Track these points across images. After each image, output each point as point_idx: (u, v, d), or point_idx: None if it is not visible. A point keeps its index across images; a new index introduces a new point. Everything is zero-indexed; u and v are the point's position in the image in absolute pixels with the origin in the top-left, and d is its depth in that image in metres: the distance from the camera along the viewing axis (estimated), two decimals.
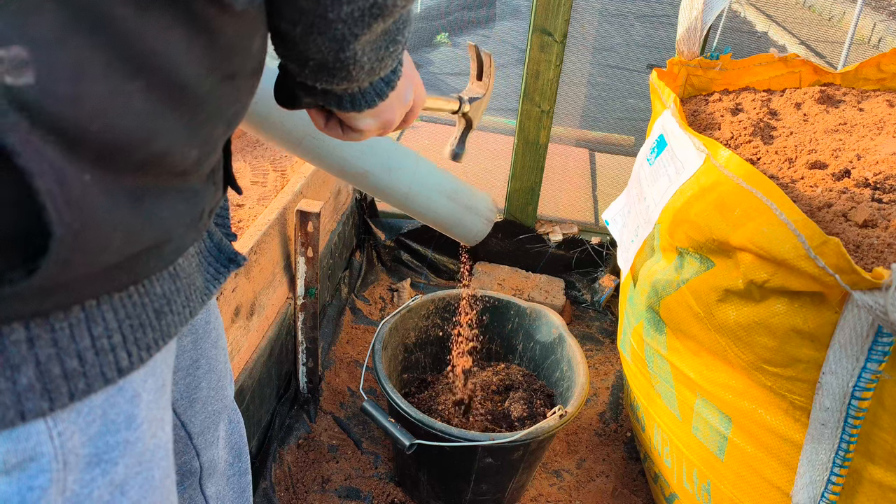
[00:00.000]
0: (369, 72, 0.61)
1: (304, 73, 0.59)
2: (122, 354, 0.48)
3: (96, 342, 0.46)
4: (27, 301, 0.41)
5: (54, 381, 0.43)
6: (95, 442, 0.49)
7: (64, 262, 0.40)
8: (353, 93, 0.64)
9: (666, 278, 1.29)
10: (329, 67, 0.58)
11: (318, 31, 0.53)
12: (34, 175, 0.37)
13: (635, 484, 1.70)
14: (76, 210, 0.39)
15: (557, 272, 2.37)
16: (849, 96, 1.57)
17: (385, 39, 0.59)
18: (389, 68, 0.65)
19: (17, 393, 0.42)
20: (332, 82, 0.60)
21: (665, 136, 1.38)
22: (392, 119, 0.73)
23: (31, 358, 0.42)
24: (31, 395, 0.42)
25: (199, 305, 0.60)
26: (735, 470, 1.16)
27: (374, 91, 0.66)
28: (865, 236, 1.03)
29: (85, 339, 0.45)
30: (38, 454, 0.45)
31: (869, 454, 0.98)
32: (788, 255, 0.96)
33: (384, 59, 0.61)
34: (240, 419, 0.92)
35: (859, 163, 1.22)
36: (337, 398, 1.84)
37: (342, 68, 0.58)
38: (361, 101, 0.66)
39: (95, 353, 0.46)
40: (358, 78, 0.60)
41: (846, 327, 0.94)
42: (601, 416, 1.90)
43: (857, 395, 0.94)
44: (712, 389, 1.17)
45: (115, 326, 0.48)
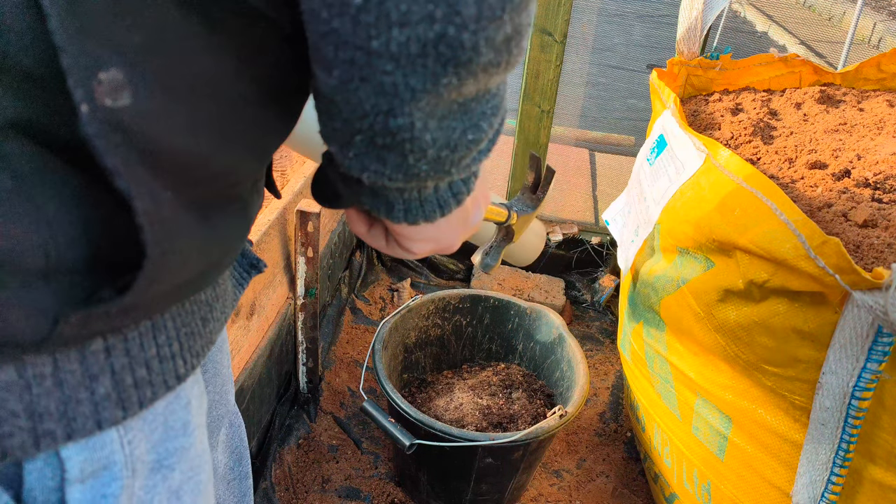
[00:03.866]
0: (434, 164, 0.47)
1: (348, 157, 0.46)
2: (179, 362, 0.49)
3: (160, 351, 0.47)
4: (112, 318, 0.41)
5: (126, 389, 0.44)
6: (157, 448, 0.50)
7: (152, 280, 0.41)
8: (409, 198, 0.52)
9: (666, 278, 1.28)
10: (377, 145, 0.44)
11: (361, 75, 0.40)
12: (134, 197, 0.37)
13: (635, 484, 1.70)
14: (166, 229, 0.40)
15: (557, 272, 2.37)
16: (849, 96, 1.57)
17: (461, 115, 0.45)
18: (464, 170, 0.50)
19: (94, 402, 0.42)
20: (383, 172, 0.47)
21: (665, 136, 1.38)
22: (451, 245, 0.62)
23: (108, 368, 0.43)
24: (108, 404, 0.43)
25: (230, 311, 0.60)
26: (735, 470, 1.16)
27: (438, 200, 0.53)
28: (865, 236, 1.02)
29: (152, 348, 0.46)
30: (112, 462, 0.45)
31: (869, 454, 0.97)
32: (788, 255, 0.96)
33: (457, 150, 0.47)
34: (240, 422, 0.91)
35: (859, 163, 1.21)
36: (337, 398, 1.84)
37: (395, 147, 0.44)
38: (418, 212, 0.53)
39: (160, 362, 0.47)
40: (417, 170, 0.47)
41: (846, 327, 0.94)
42: (601, 416, 1.90)
43: (858, 394, 0.94)
44: (712, 389, 1.17)
45: (174, 335, 0.49)
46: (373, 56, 0.39)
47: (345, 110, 0.43)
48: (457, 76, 0.41)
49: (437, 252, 0.63)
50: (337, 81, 0.41)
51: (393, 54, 0.39)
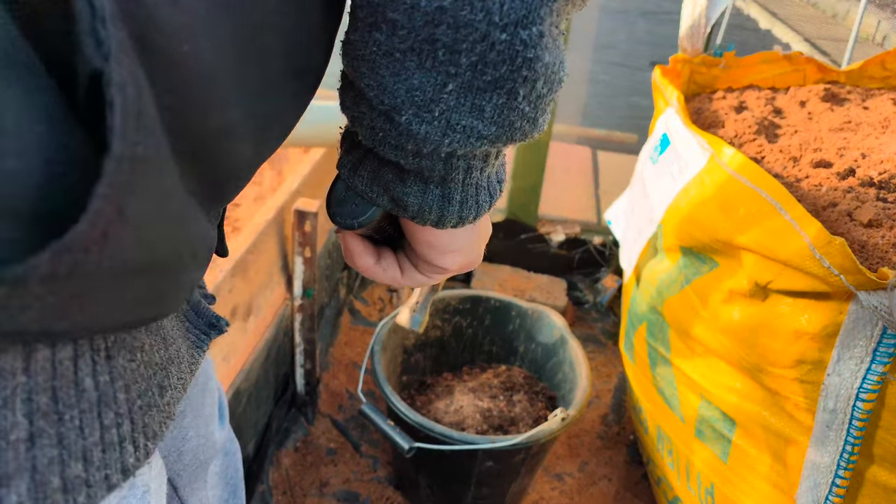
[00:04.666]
0: (535, 105, 0.42)
1: (430, 119, 0.40)
2: (129, 448, 0.38)
3: (105, 434, 0.36)
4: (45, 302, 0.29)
5: (50, 496, 0.33)
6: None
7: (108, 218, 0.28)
8: (470, 182, 0.47)
9: (669, 279, 1.28)
10: (481, 85, 0.39)
11: None
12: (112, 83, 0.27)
13: (638, 488, 1.69)
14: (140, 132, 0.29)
15: (559, 273, 2.36)
16: (853, 94, 1.56)
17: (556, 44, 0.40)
18: (539, 128, 0.44)
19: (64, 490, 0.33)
20: (473, 129, 0.41)
21: (668, 134, 1.38)
22: (478, 257, 0.56)
23: (28, 466, 0.32)
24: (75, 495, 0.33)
25: (188, 377, 0.49)
26: (739, 473, 1.16)
27: (489, 186, 0.49)
28: (870, 236, 1.02)
29: (94, 432, 0.35)
30: None
31: (873, 456, 0.97)
32: (793, 256, 0.95)
33: (552, 88, 0.42)
34: (236, 448, 0.83)
35: (864, 161, 1.21)
36: (335, 400, 1.83)
37: (506, 79, 0.39)
38: (472, 204, 0.48)
39: (103, 451, 0.36)
40: (516, 117, 0.41)
41: (851, 328, 0.93)
42: (603, 418, 1.89)
43: (862, 396, 0.93)
44: (716, 392, 1.17)
45: (125, 411, 0.38)
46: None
47: (448, 38, 0.37)
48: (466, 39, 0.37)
49: (464, 268, 0.56)
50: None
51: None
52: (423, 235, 0.51)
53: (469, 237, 0.53)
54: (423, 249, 0.53)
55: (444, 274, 0.56)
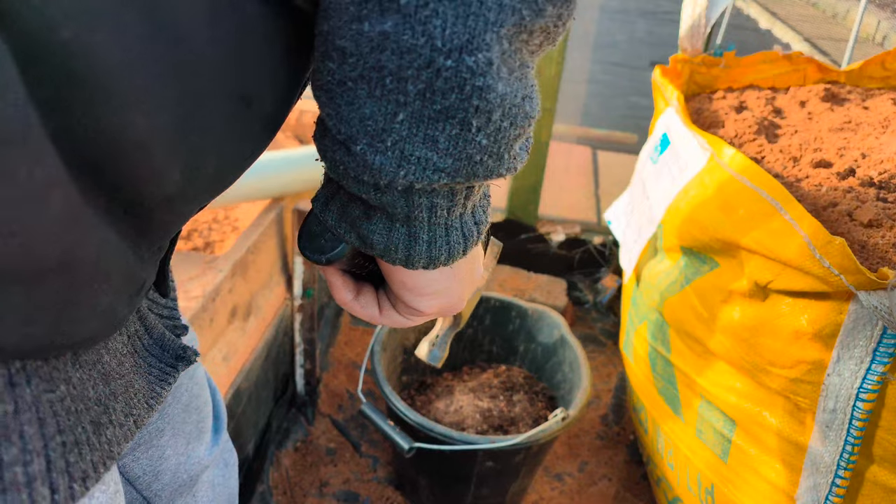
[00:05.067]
0: (493, 139, 0.41)
1: (383, 149, 0.40)
2: (41, 490, 0.35)
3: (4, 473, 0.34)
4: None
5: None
6: None
7: None
8: (436, 221, 0.45)
9: (669, 279, 1.28)
10: (431, 114, 0.38)
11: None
12: None
13: (638, 488, 1.69)
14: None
15: (559, 273, 2.35)
16: (853, 94, 1.56)
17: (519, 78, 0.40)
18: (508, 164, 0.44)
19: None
20: (429, 160, 0.40)
21: (668, 133, 1.37)
22: (460, 301, 0.54)
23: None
24: None
25: (145, 412, 0.49)
26: (739, 473, 1.15)
27: (463, 228, 0.47)
28: (870, 236, 1.02)
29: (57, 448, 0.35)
30: None
31: (873, 456, 0.97)
32: (793, 255, 0.95)
33: (515, 123, 0.41)
34: (232, 461, 0.80)
35: (864, 161, 1.21)
36: (335, 401, 1.83)
37: (456, 108, 0.38)
38: (442, 246, 0.47)
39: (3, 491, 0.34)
40: (472, 149, 0.40)
41: (851, 328, 0.93)
42: (603, 418, 1.89)
43: (862, 396, 0.93)
44: (716, 392, 1.16)
45: (36, 447, 0.35)
46: None
47: (393, 64, 0.37)
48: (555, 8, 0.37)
49: (444, 311, 0.55)
50: (401, 17, 0.35)
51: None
52: (397, 275, 0.50)
53: (446, 280, 0.51)
54: (399, 290, 0.52)
55: (422, 317, 0.55)
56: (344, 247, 0.49)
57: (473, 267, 0.55)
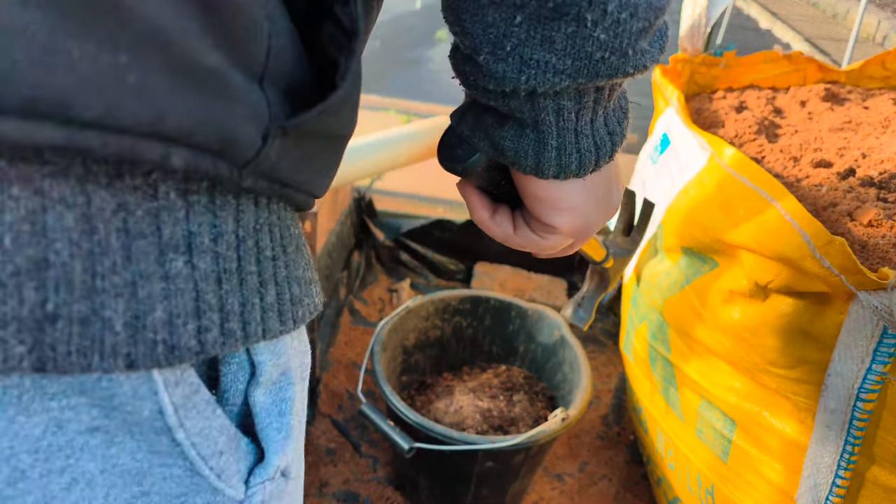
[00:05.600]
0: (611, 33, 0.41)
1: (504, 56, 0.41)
2: (316, 289, 0.47)
3: (304, 273, 0.45)
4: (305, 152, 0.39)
5: (285, 304, 0.41)
6: (301, 361, 0.48)
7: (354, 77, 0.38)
8: (565, 126, 0.45)
9: (670, 279, 1.28)
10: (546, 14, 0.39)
11: None
12: None
13: (638, 488, 1.69)
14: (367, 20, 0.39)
15: (559, 273, 2.35)
16: (854, 94, 1.56)
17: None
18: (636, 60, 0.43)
19: (263, 309, 0.39)
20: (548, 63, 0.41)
21: (668, 133, 1.37)
22: (596, 223, 0.54)
23: (273, 278, 0.40)
24: (272, 315, 0.40)
25: None
26: (739, 473, 1.15)
27: (594, 135, 0.47)
28: (871, 236, 1.02)
29: (298, 269, 0.44)
30: (288, 369, 0.45)
31: (874, 457, 0.96)
32: (793, 255, 0.95)
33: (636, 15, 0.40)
34: None
35: (864, 161, 1.21)
36: (335, 401, 1.83)
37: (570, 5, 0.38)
38: (572, 152, 0.47)
39: (307, 283, 0.45)
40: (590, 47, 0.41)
41: (851, 328, 0.93)
42: (604, 418, 1.89)
43: (863, 396, 0.93)
44: (716, 392, 1.16)
45: (307, 263, 0.46)
46: None
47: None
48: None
49: (579, 231, 0.54)
50: None
51: None
52: (530, 187, 0.50)
53: (579, 195, 0.51)
54: (532, 204, 0.52)
55: (557, 235, 0.54)
56: (479, 157, 0.50)
57: (610, 188, 0.54)
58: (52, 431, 0.32)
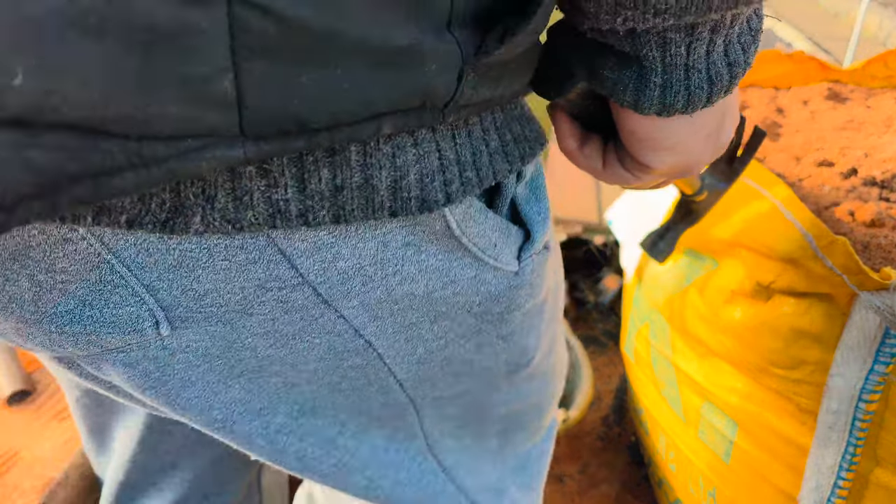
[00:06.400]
0: None
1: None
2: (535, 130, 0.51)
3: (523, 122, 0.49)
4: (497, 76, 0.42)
5: (510, 146, 0.47)
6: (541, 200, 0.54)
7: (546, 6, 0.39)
8: (672, 62, 0.41)
9: (671, 279, 1.28)
10: None
11: None
12: None
13: (639, 489, 1.68)
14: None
15: None
16: (856, 93, 1.56)
17: None
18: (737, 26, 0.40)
19: (490, 154, 0.45)
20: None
21: None
22: (698, 163, 0.50)
23: (492, 124, 0.46)
24: (497, 157, 0.45)
25: None
26: (741, 474, 1.15)
27: (709, 68, 0.42)
28: (873, 236, 1.01)
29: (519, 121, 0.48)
30: (537, 168, 0.53)
31: (876, 458, 0.96)
32: (795, 255, 0.95)
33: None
34: None
35: (867, 161, 1.20)
36: None
37: None
38: (679, 88, 0.42)
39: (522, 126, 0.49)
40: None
41: (853, 329, 0.92)
42: (604, 419, 1.89)
43: (865, 397, 0.93)
44: (718, 393, 1.16)
45: (526, 117, 0.51)
46: None
47: None
48: None
49: (678, 171, 0.50)
50: None
51: None
52: (627, 122, 0.46)
53: (684, 132, 0.46)
54: (628, 139, 0.48)
55: (651, 175, 0.51)
56: (574, 81, 0.46)
57: (722, 122, 0.49)
58: (381, 248, 0.44)
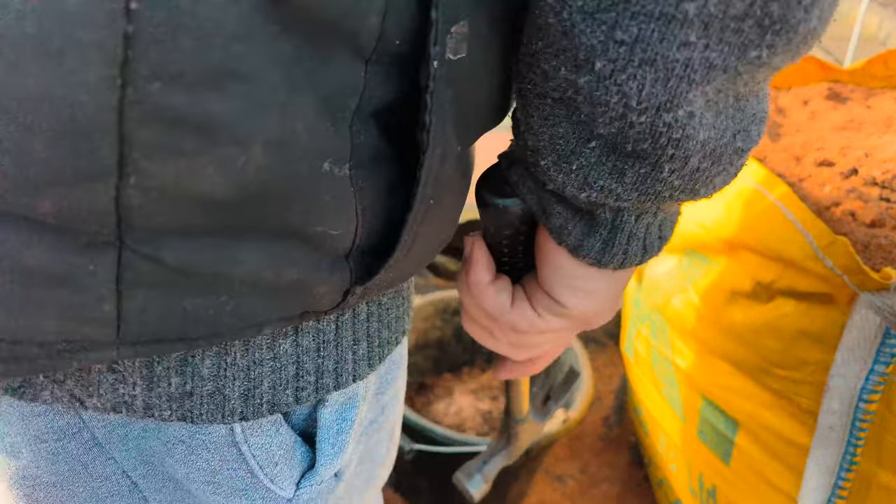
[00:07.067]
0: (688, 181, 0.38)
1: (567, 170, 0.39)
2: (406, 318, 0.54)
3: (398, 311, 0.52)
4: (378, 288, 0.44)
5: (374, 350, 0.50)
6: (380, 380, 0.56)
7: (413, 239, 0.41)
8: (619, 225, 0.43)
9: (671, 279, 1.28)
10: (622, 153, 0.37)
11: (645, 57, 0.32)
12: (426, 150, 0.36)
13: (639, 489, 1.68)
14: (438, 185, 0.39)
15: None
16: (856, 93, 1.55)
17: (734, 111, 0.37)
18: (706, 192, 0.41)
19: (355, 362, 0.48)
20: (612, 191, 0.39)
21: None
22: (599, 316, 0.51)
23: (366, 333, 0.49)
24: (362, 363, 0.49)
25: None
26: (741, 475, 1.15)
27: (646, 239, 0.45)
28: (873, 236, 1.01)
29: (394, 310, 0.52)
30: (355, 395, 0.51)
31: (877, 458, 0.96)
32: (796, 256, 0.95)
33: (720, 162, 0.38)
34: None
35: (867, 161, 1.20)
36: None
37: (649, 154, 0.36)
38: (618, 250, 0.44)
39: (396, 320, 0.52)
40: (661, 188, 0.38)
41: (854, 329, 0.92)
42: (605, 420, 1.89)
43: (865, 397, 0.93)
44: (718, 393, 1.16)
45: (407, 296, 0.54)
46: (674, 25, 0.31)
47: (587, 111, 0.35)
48: (770, 49, 0.33)
49: (588, 320, 0.51)
50: (594, 77, 0.33)
51: (707, 17, 0.30)
52: (556, 257, 0.47)
53: (604, 283, 0.48)
54: (549, 274, 0.48)
55: (558, 319, 0.50)
56: (520, 203, 0.46)
57: (623, 287, 0.51)
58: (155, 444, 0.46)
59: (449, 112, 0.36)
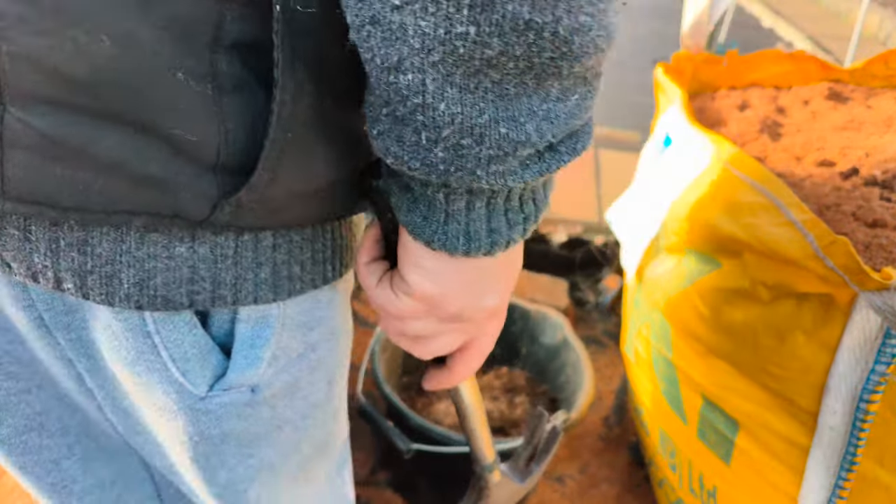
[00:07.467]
0: (453, 153, 0.41)
1: (374, 134, 0.44)
2: (328, 267, 0.57)
3: (315, 255, 0.55)
4: (256, 213, 0.48)
5: (281, 280, 0.53)
6: (305, 314, 0.58)
7: (271, 174, 0.45)
8: (434, 204, 0.46)
9: (671, 279, 1.27)
10: (397, 116, 0.41)
11: (370, 14, 0.37)
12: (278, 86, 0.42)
13: (640, 490, 1.68)
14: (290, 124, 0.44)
15: (560, 273, 2.35)
16: (857, 93, 1.55)
17: (494, 97, 0.39)
18: (496, 179, 0.43)
19: (256, 284, 0.52)
20: (400, 156, 0.42)
21: (671, 132, 1.37)
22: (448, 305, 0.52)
23: (271, 260, 0.52)
24: (265, 288, 0.52)
25: None
26: (741, 475, 1.15)
27: (468, 227, 0.47)
28: (874, 236, 1.01)
29: (307, 252, 0.54)
30: (269, 315, 0.55)
31: (878, 458, 0.96)
32: (796, 256, 0.94)
33: (483, 143, 0.40)
34: None
35: (867, 160, 1.20)
36: None
37: (408, 118, 0.40)
38: (437, 230, 0.47)
39: (313, 264, 0.55)
40: (433, 158, 0.41)
41: (855, 329, 0.92)
42: (605, 420, 1.89)
43: (866, 397, 0.93)
44: (718, 393, 1.16)
45: (328, 243, 0.56)
46: None
47: (368, 68, 0.41)
48: (476, 27, 0.35)
49: (429, 305, 0.52)
50: (354, 31, 0.39)
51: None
52: (402, 234, 0.51)
53: (443, 264, 0.50)
54: (401, 252, 0.52)
55: (407, 299, 0.52)
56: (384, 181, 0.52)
57: (483, 286, 0.52)
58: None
59: (301, 57, 0.42)
